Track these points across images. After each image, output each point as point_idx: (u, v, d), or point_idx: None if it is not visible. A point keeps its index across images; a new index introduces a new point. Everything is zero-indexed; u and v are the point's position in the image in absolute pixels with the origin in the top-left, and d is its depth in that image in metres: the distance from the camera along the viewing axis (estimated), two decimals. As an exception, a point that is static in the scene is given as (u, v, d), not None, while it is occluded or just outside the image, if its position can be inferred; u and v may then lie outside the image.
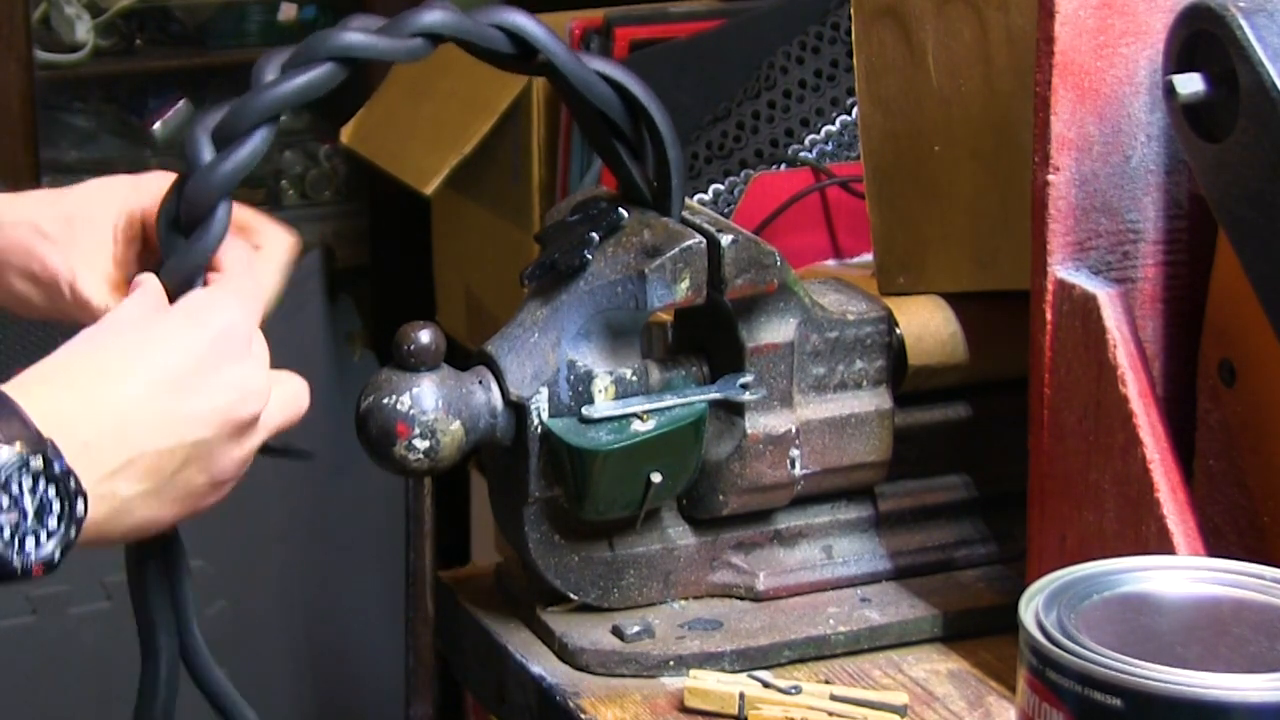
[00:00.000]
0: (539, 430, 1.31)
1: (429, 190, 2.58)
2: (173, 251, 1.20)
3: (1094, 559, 1.10)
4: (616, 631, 1.35)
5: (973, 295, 1.44)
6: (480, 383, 1.31)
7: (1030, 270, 1.28)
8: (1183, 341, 1.29)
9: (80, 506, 1.07)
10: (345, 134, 2.80)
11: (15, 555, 1.05)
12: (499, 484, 1.37)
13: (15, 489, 1.04)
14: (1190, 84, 1.21)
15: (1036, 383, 1.29)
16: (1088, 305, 1.25)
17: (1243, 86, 1.18)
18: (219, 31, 3.45)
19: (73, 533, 1.07)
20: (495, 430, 1.31)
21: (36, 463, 1.05)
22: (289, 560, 3.16)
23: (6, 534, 1.05)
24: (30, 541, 1.06)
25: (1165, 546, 1.21)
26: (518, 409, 1.31)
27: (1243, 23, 1.17)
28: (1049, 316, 1.27)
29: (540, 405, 1.31)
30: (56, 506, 1.06)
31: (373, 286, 3.45)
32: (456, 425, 1.29)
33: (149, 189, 1.27)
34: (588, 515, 1.33)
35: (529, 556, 1.35)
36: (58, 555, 1.07)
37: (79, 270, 1.25)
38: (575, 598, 1.36)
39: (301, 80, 1.21)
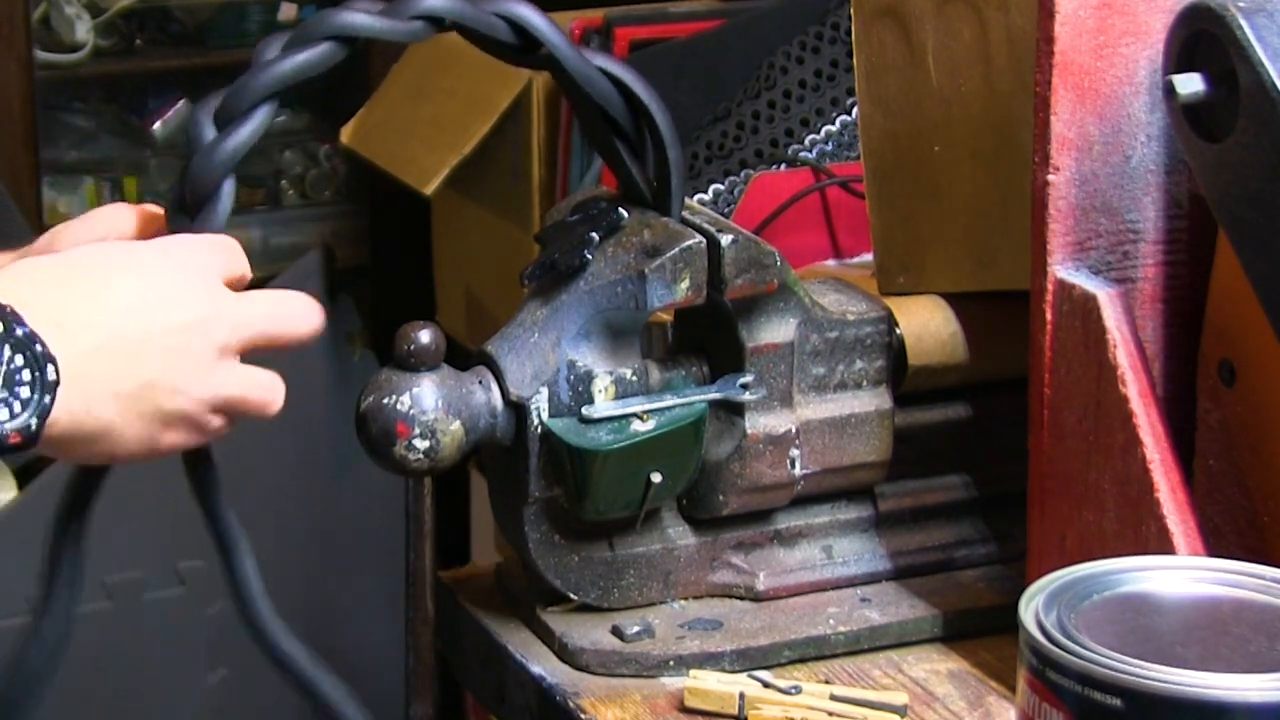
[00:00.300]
0: (539, 430, 1.31)
1: (429, 190, 2.58)
2: (179, 231, 1.20)
3: (1094, 559, 1.10)
4: (616, 631, 1.35)
5: (973, 295, 1.44)
6: (480, 383, 1.31)
7: (1030, 270, 1.28)
8: (1183, 341, 1.29)
9: (51, 371, 1.05)
10: (345, 134, 2.80)
11: None
12: (499, 484, 1.37)
13: None
14: (1190, 84, 1.21)
15: (1036, 383, 1.29)
16: (1088, 305, 1.25)
17: (1243, 86, 1.18)
18: (219, 31, 3.45)
19: (47, 399, 1.05)
20: (495, 430, 1.31)
21: None
22: (289, 560, 3.16)
23: None
24: (3, 410, 1.04)
25: (1165, 546, 1.21)
26: (518, 409, 1.31)
27: (1243, 23, 1.17)
28: (1049, 316, 1.27)
29: (540, 405, 1.31)
30: (26, 374, 1.04)
31: (373, 286, 3.45)
32: (456, 425, 1.29)
33: (104, 219, 1.26)
34: (588, 515, 1.33)
35: (529, 556, 1.35)
36: (34, 424, 1.05)
37: None
38: (575, 598, 1.36)
39: (300, 58, 1.21)
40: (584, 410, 1.32)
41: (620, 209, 1.34)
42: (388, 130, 2.72)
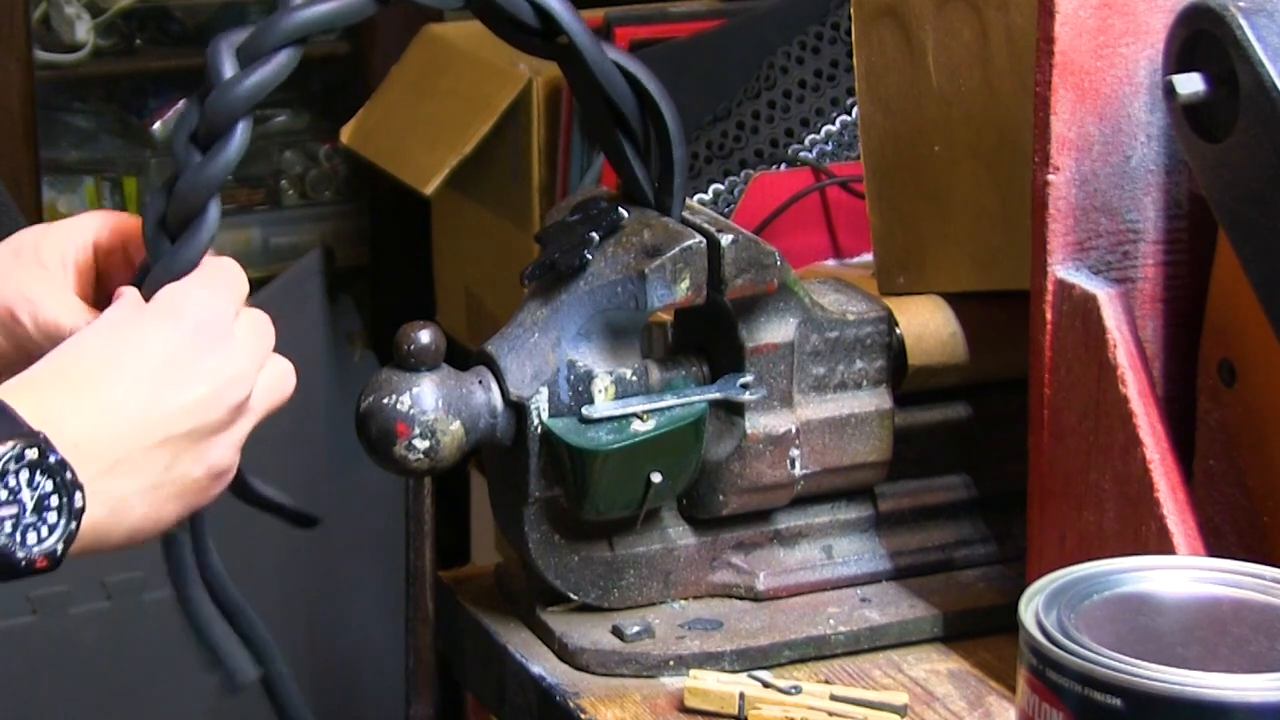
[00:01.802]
0: (539, 430, 1.31)
1: (429, 190, 2.58)
2: (159, 255, 1.19)
3: (1094, 559, 1.10)
4: (616, 631, 1.35)
5: (973, 295, 1.44)
6: (480, 383, 1.31)
7: (1030, 270, 1.28)
8: (1183, 341, 1.29)
9: (79, 498, 1.07)
10: (345, 134, 2.80)
11: (18, 548, 1.05)
12: (499, 484, 1.37)
13: (13, 482, 1.05)
14: (1190, 84, 1.21)
15: (1036, 383, 1.29)
16: (1088, 305, 1.25)
17: (1243, 86, 1.18)
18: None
19: (73, 525, 1.07)
20: (495, 430, 1.31)
21: (32, 454, 1.05)
22: (289, 560, 3.16)
23: (7, 528, 1.05)
24: (31, 535, 1.06)
25: (1165, 546, 1.21)
26: (518, 409, 1.31)
27: (1243, 23, 1.17)
28: (1049, 316, 1.27)
29: (540, 405, 1.31)
30: (55, 499, 1.06)
31: (373, 286, 3.45)
32: (456, 425, 1.29)
33: (91, 225, 1.26)
34: (588, 515, 1.33)
35: (529, 556, 1.35)
36: (60, 548, 1.07)
37: (39, 298, 1.23)
38: (575, 598, 1.36)
39: (334, 5, 1.19)
40: (584, 410, 1.32)
41: (620, 209, 1.34)
42: (388, 130, 2.72)
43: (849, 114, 2.21)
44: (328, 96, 3.47)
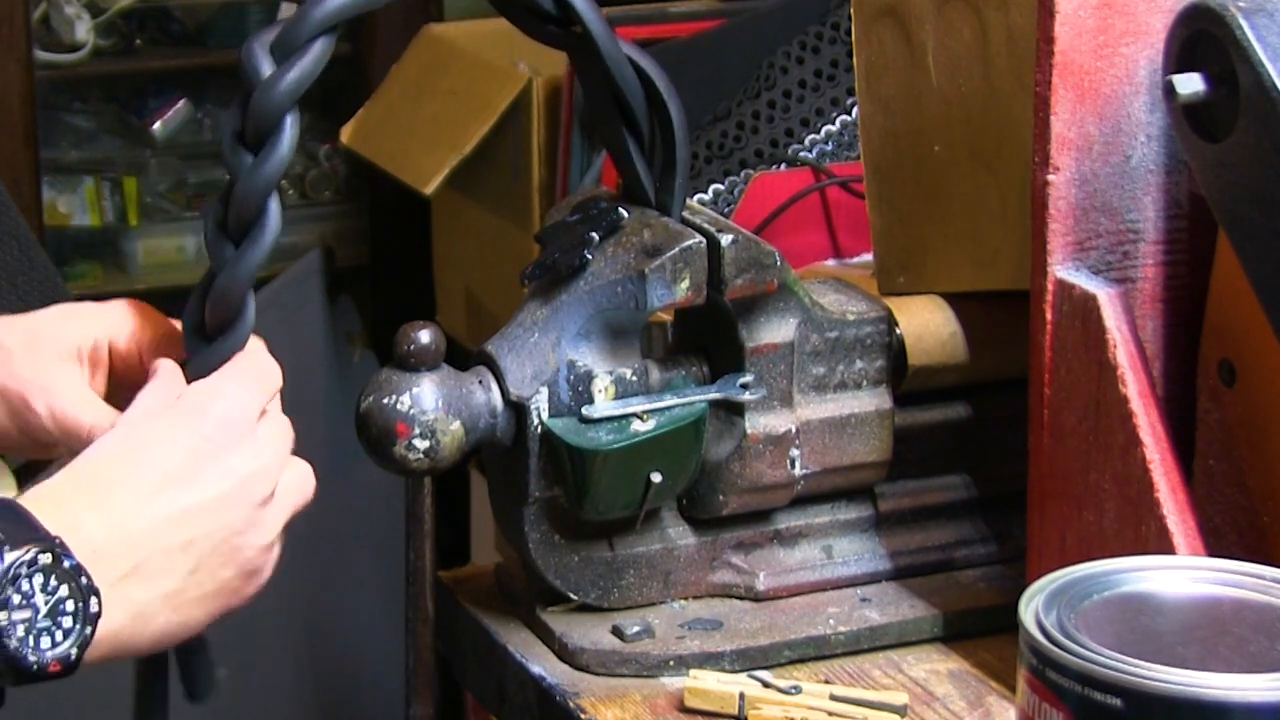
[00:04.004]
0: (539, 430, 1.31)
1: (429, 190, 2.58)
2: (195, 354, 1.19)
3: (1094, 559, 1.10)
4: (616, 631, 1.35)
5: (973, 295, 1.44)
6: (480, 383, 1.31)
7: (1030, 270, 1.28)
8: (1183, 341, 1.29)
9: (94, 603, 1.06)
10: (345, 134, 2.80)
11: (30, 652, 1.05)
12: (499, 484, 1.37)
13: (26, 586, 1.04)
14: (1190, 84, 1.21)
15: (1036, 383, 1.29)
16: (1088, 305, 1.25)
17: (1243, 86, 1.18)
18: (219, 31, 3.45)
19: (88, 630, 1.06)
20: (495, 430, 1.31)
21: (46, 559, 1.04)
22: (289, 560, 3.16)
23: (20, 631, 1.04)
24: (45, 639, 1.05)
25: (1165, 546, 1.21)
26: (518, 409, 1.31)
27: (1243, 23, 1.17)
28: (1049, 316, 1.27)
29: (540, 405, 1.31)
30: (70, 605, 1.06)
31: (373, 286, 3.45)
32: (456, 425, 1.29)
33: (113, 316, 1.25)
34: (588, 515, 1.33)
35: (529, 556, 1.35)
36: (74, 654, 1.06)
37: (57, 390, 1.22)
38: (575, 598, 1.36)
39: None
40: (584, 410, 1.32)
41: (620, 209, 1.34)
42: (388, 130, 2.73)
43: (849, 114, 2.21)
44: (328, 96, 3.47)
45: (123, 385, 1.23)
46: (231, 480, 1.14)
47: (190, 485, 1.12)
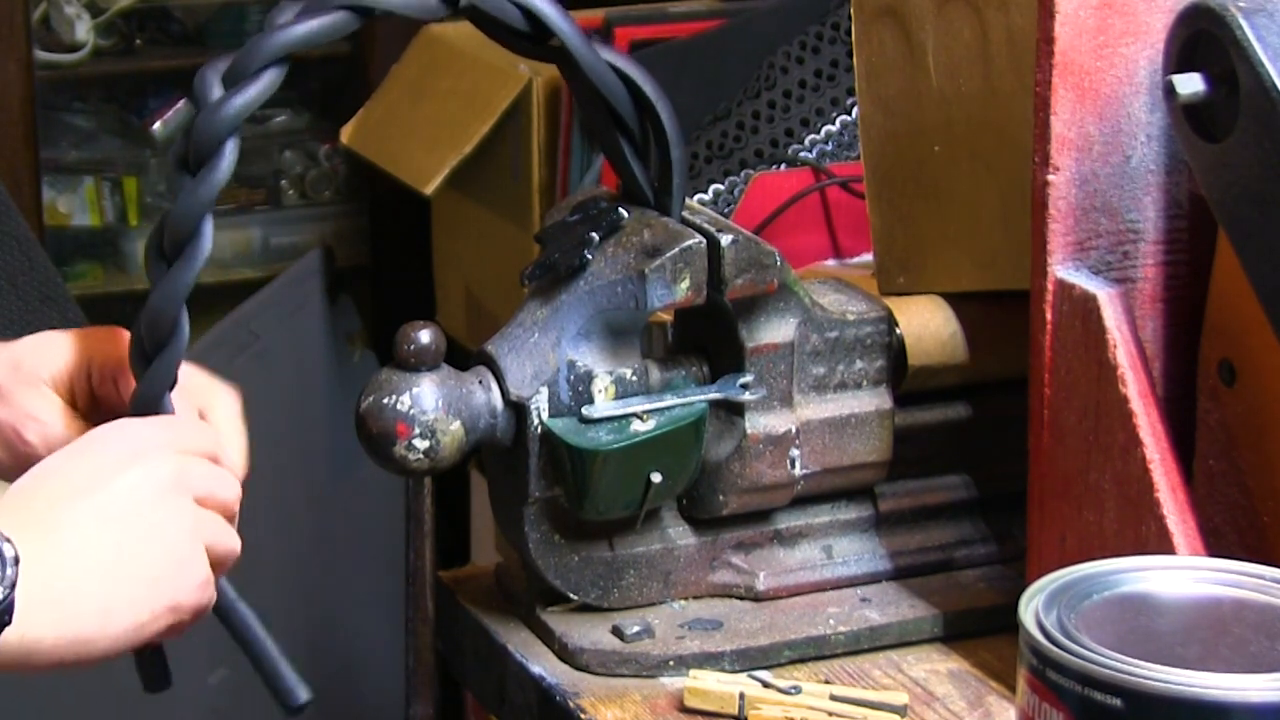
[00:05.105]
0: (539, 430, 1.31)
1: (429, 190, 2.58)
2: (138, 375, 1.21)
3: (1094, 559, 1.10)
4: (616, 631, 1.35)
5: (973, 295, 1.44)
6: (480, 383, 1.31)
7: (1030, 270, 1.28)
8: (1183, 341, 1.29)
9: (8, 548, 1.06)
10: (345, 134, 2.80)
11: None
12: (499, 484, 1.37)
13: None
14: (1190, 84, 1.21)
15: (1036, 383, 1.29)
16: (1088, 305, 1.25)
17: (1243, 86, 1.18)
18: (219, 31, 3.45)
19: (11, 572, 1.06)
20: (495, 430, 1.31)
21: None
22: (289, 560, 3.16)
23: None
24: None
25: (1165, 546, 1.21)
26: (518, 409, 1.31)
27: (1243, 23, 1.17)
28: (1049, 316, 1.27)
29: (540, 405, 1.31)
30: None
31: (373, 286, 3.45)
32: (456, 425, 1.29)
33: (91, 344, 1.27)
34: (588, 515, 1.33)
35: (529, 556, 1.35)
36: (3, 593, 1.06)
37: (49, 419, 1.25)
38: (575, 598, 1.36)
39: (314, 24, 1.21)
40: (584, 410, 1.32)
41: (620, 209, 1.34)
42: (388, 130, 2.73)
43: (849, 114, 2.21)
44: (328, 96, 3.47)
45: (99, 412, 1.26)
46: (136, 475, 1.15)
47: (98, 490, 1.13)
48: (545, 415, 1.31)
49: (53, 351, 1.27)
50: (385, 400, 1.28)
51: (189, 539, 1.16)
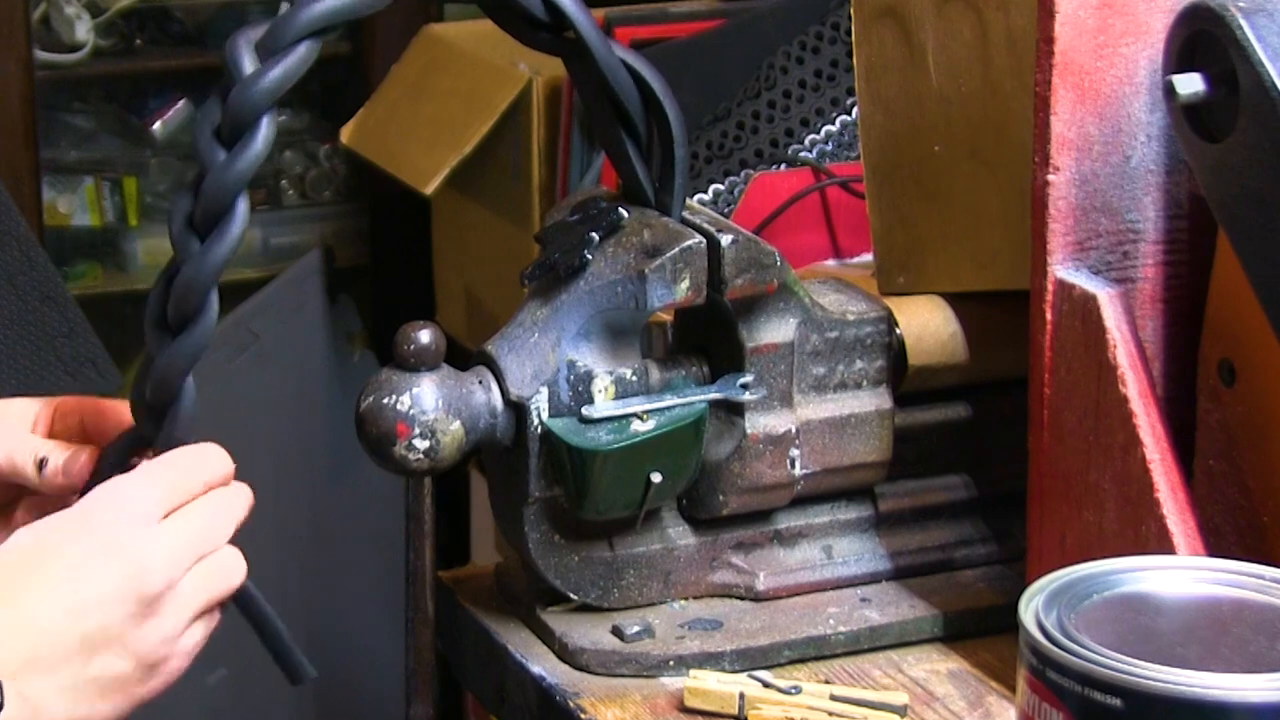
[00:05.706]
0: (539, 430, 1.31)
1: (429, 190, 2.58)
2: (153, 351, 1.19)
3: (1094, 559, 1.10)
4: (616, 631, 1.35)
5: (973, 295, 1.44)
6: (480, 383, 1.31)
7: (1030, 270, 1.28)
8: (1183, 341, 1.29)
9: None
10: (345, 134, 2.80)
11: None
12: (499, 484, 1.37)
13: None
14: (1190, 84, 1.21)
15: (1036, 383, 1.29)
16: (1088, 305, 1.25)
17: (1243, 86, 1.18)
18: (219, 31, 3.45)
19: None
20: (495, 430, 1.31)
21: None
22: (289, 561, 3.16)
23: None
24: None
25: (1165, 546, 1.21)
26: (518, 409, 1.31)
27: (1243, 23, 1.17)
28: (1049, 316, 1.27)
29: (540, 405, 1.31)
30: None
31: (373, 286, 3.45)
32: (456, 425, 1.29)
33: (63, 405, 1.26)
34: (588, 515, 1.33)
35: (529, 556, 1.35)
36: None
37: (42, 452, 1.24)
38: (575, 598, 1.36)
39: None
40: (584, 410, 1.32)
41: (620, 209, 1.34)
42: (388, 130, 2.73)
43: (849, 114, 2.21)
44: (328, 96, 3.47)
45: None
46: (125, 571, 1.13)
47: (84, 579, 1.12)
48: (545, 415, 1.31)
49: (20, 405, 1.26)
50: (385, 400, 1.28)
51: (166, 645, 1.15)
